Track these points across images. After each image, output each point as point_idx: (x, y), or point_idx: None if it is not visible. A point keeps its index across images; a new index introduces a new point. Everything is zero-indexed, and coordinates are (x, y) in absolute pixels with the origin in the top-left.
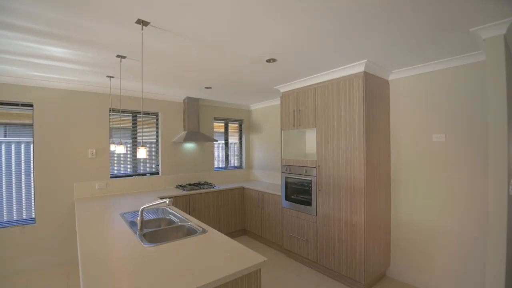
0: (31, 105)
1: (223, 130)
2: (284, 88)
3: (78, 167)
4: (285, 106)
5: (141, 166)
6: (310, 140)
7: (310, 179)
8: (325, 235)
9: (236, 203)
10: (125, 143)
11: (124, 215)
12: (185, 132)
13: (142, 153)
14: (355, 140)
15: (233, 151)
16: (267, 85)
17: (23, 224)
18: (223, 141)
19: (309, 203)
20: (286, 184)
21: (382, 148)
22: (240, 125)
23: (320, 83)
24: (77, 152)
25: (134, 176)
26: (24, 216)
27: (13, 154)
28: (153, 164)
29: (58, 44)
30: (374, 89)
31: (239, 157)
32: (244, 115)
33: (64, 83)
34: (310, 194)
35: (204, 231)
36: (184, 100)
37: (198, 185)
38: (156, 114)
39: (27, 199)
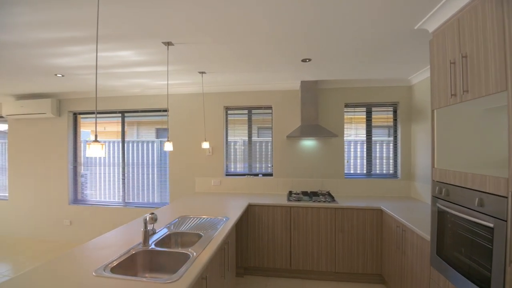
0: (166, 110)
1: (364, 120)
2: (433, 21)
3: (198, 163)
4: (436, 57)
5: (256, 165)
6: (490, 129)
7: (489, 223)
8: None
9: (368, 232)
10: (239, 142)
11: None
12: (299, 126)
13: (205, 145)
14: None
15: (381, 151)
16: (408, 22)
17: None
18: (364, 137)
19: (485, 282)
20: (440, 221)
21: None
22: (395, 112)
23: None
24: (197, 150)
25: (246, 176)
26: (162, 200)
27: (155, 151)
28: (269, 165)
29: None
30: None
31: (391, 161)
32: (400, 95)
33: (183, 87)
34: (490, 260)
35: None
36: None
37: (314, 195)
38: (270, 108)
39: (164, 187)
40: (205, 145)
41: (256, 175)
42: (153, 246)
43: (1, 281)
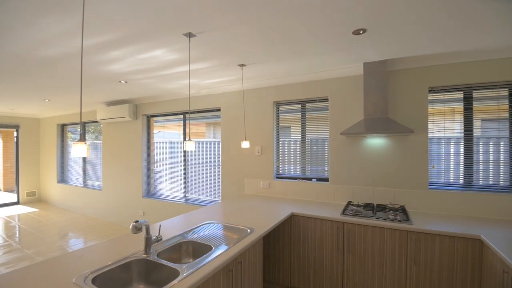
0: (219, 109)
1: (460, 110)
2: None
3: (248, 164)
4: None
5: (310, 168)
6: None
7: None
8: None
9: (458, 272)
10: (291, 141)
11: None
12: (362, 120)
13: (245, 144)
14: None
15: (486, 153)
16: None
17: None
18: (460, 133)
19: None
20: None
21: None
22: (511, 96)
23: None
24: (247, 149)
25: (298, 180)
26: (215, 198)
27: (212, 151)
28: (325, 168)
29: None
30: None
31: (505, 167)
32: None
33: (231, 85)
34: None
35: None
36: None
37: (380, 209)
38: (326, 100)
39: (217, 185)
40: (245, 144)
41: (310, 179)
42: (155, 255)
43: None
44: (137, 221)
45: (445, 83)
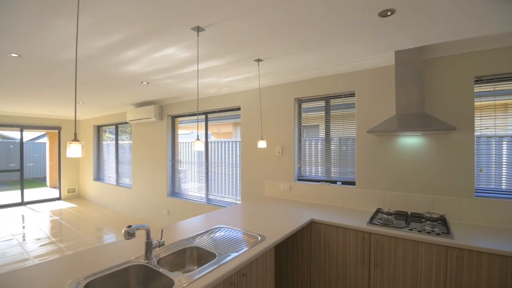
0: (239, 108)
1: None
2: None
3: (268, 165)
4: None
5: (335, 170)
6: None
7: None
8: None
9: None
10: (315, 140)
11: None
12: (394, 116)
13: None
14: None
15: None
16: None
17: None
18: None
19: None
20: None
21: None
22: None
23: None
24: (267, 149)
25: (321, 183)
26: (235, 199)
27: (232, 151)
28: (351, 169)
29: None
30: None
31: None
32: None
33: (251, 82)
34: None
35: None
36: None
37: (415, 219)
38: (353, 95)
39: (238, 186)
40: (262, 144)
41: (335, 182)
42: (155, 261)
43: None
44: (129, 226)
45: (496, 71)
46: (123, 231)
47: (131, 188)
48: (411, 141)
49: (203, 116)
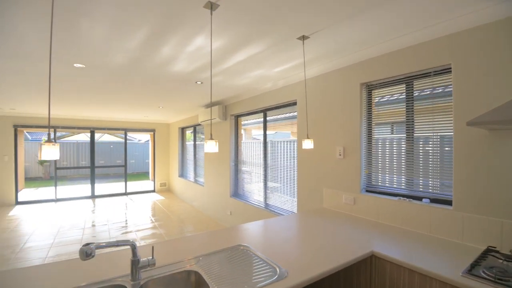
0: (295, 103)
1: None
2: None
3: (327, 169)
4: None
5: (420, 182)
6: None
7: None
8: None
9: None
10: (389, 139)
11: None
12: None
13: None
14: None
15: None
16: None
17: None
18: None
19: None
20: None
21: None
22: None
23: None
24: (327, 150)
25: (398, 198)
26: (292, 207)
27: (290, 152)
28: (445, 182)
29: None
30: None
31: None
32: None
33: (306, 70)
34: None
35: None
36: None
37: None
38: (447, 70)
39: (294, 192)
40: (307, 144)
41: (420, 198)
42: (139, 284)
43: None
44: (87, 244)
45: None
46: (79, 250)
47: (203, 186)
48: None
49: (261, 115)
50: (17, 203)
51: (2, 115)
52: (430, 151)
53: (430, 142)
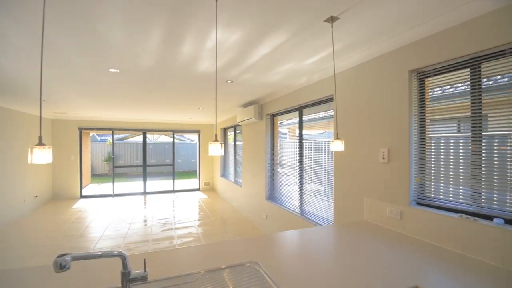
0: (332, 99)
1: None
2: None
3: (368, 175)
4: None
5: (489, 195)
6: None
7: None
8: None
9: None
10: (441, 139)
11: None
12: None
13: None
14: None
15: None
16: None
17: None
18: None
19: None
20: None
21: None
22: None
23: None
24: (367, 152)
25: (460, 215)
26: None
27: (326, 154)
28: None
29: None
30: None
31: None
32: None
33: (342, 61)
34: None
35: None
36: None
37: None
38: None
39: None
40: (336, 146)
41: (491, 218)
42: None
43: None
44: (62, 255)
45: None
46: (53, 261)
47: (241, 187)
48: None
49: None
50: (81, 196)
51: (68, 119)
52: (509, 155)
53: (509, 143)
